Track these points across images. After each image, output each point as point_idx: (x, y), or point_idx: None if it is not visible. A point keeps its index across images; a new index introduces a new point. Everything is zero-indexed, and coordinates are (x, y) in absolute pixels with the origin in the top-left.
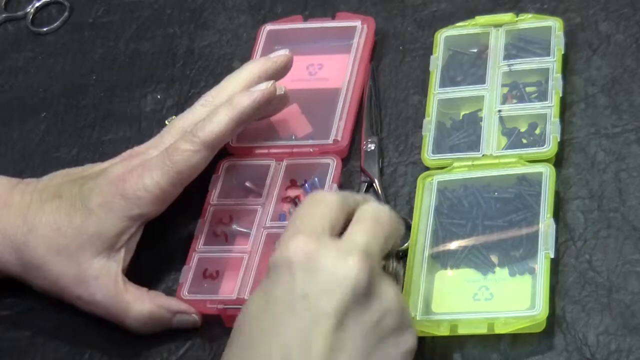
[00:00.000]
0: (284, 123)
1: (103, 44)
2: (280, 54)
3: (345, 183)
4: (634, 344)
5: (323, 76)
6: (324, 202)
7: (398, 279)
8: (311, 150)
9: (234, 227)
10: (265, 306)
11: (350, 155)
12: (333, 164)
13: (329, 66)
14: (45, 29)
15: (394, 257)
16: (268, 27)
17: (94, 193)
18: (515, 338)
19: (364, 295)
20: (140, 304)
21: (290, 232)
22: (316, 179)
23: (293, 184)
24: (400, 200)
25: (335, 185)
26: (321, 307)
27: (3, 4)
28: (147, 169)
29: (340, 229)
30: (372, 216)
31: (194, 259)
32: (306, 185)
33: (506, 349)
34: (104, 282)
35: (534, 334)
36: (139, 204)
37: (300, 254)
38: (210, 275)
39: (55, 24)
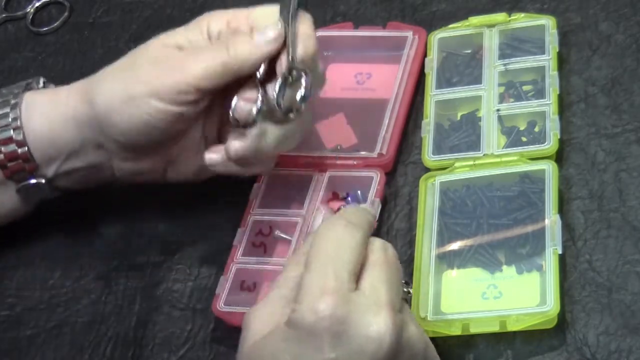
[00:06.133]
0: (329, 133)
1: (103, 44)
2: None
3: (387, 195)
4: (634, 344)
5: (371, 86)
6: (347, 243)
7: (409, 300)
8: (354, 162)
9: (277, 232)
10: None
11: (395, 169)
12: (376, 178)
13: (377, 76)
14: (45, 29)
15: (407, 282)
16: (317, 33)
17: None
18: (514, 338)
19: (395, 349)
20: None
21: (313, 288)
22: (359, 192)
23: (335, 196)
24: (400, 200)
25: (377, 200)
26: None
27: (3, 4)
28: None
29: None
30: (385, 259)
31: (231, 270)
32: (348, 198)
33: (506, 349)
34: None
35: (533, 333)
36: None
37: (328, 321)
38: (248, 287)
39: (55, 24)
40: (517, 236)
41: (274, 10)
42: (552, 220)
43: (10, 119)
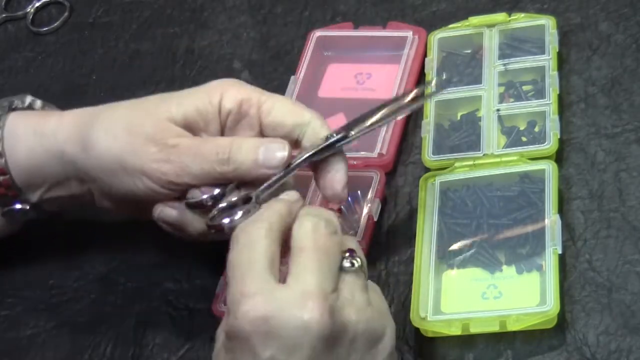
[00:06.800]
0: None
1: (103, 44)
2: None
3: (387, 195)
4: (634, 344)
5: (371, 86)
6: (254, 243)
7: (365, 271)
8: (354, 162)
9: None
10: None
11: (395, 169)
12: (376, 178)
13: (377, 76)
14: (45, 29)
15: (353, 251)
16: (317, 33)
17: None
18: (514, 338)
19: (329, 336)
20: None
21: (234, 295)
22: (359, 192)
23: None
24: (400, 200)
25: (377, 200)
26: None
27: (3, 4)
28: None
29: (280, 257)
30: (312, 244)
31: None
32: (349, 198)
33: (506, 349)
34: None
35: (533, 333)
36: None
37: (254, 323)
38: None
39: (55, 24)
40: (517, 236)
41: (287, 107)
42: (552, 220)
43: None
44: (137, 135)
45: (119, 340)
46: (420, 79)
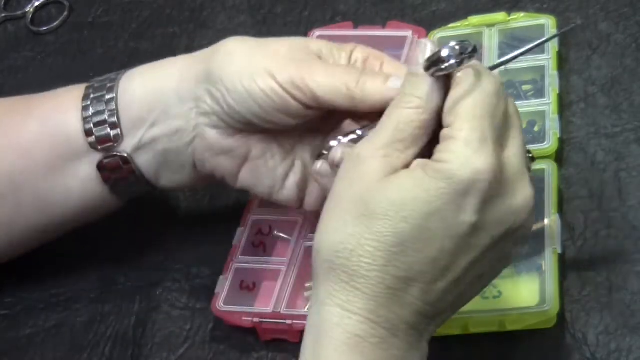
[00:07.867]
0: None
1: (103, 43)
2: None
3: None
4: (634, 343)
5: None
6: (500, 105)
7: (529, 169)
8: None
9: (275, 232)
10: (423, 210)
11: None
12: None
13: None
14: (44, 29)
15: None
16: (317, 33)
17: None
18: (514, 337)
19: (527, 227)
20: None
21: (469, 141)
22: None
23: None
24: None
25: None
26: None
27: (2, 3)
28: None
29: None
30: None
31: (231, 269)
32: None
33: (505, 349)
34: None
35: (533, 333)
36: None
37: (485, 183)
38: (247, 286)
39: (55, 24)
40: None
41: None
42: (551, 220)
43: (107, 86)
44: (272, 47)
45: (118, 339)
46: None
